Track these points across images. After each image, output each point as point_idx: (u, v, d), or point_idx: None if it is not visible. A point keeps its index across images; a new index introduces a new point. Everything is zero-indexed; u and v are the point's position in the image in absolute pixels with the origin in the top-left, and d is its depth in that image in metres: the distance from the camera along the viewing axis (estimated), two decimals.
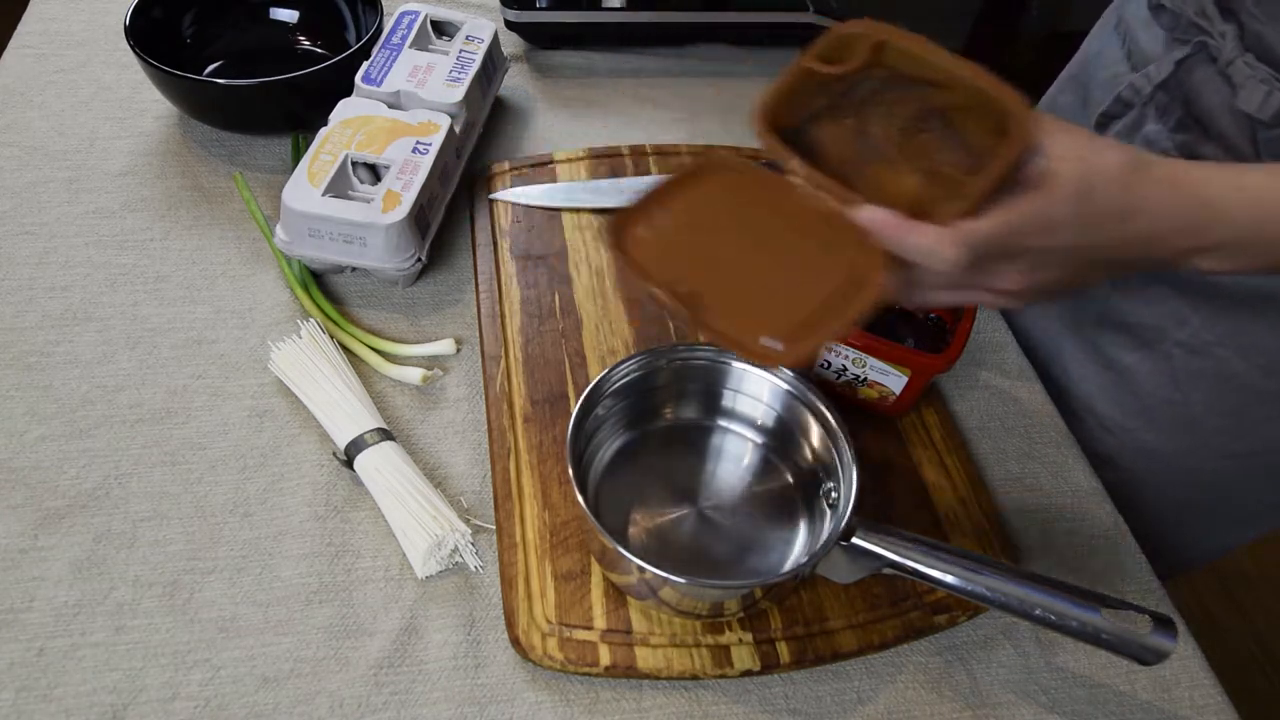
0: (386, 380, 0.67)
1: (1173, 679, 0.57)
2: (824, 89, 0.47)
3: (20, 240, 0.72)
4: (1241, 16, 0.59)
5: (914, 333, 0.66)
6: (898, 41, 0.45)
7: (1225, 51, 0.59)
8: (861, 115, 0.47)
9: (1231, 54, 0.59)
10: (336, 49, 0.85)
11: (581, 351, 0.68)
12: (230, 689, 0.52)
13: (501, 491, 0.60)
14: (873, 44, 0.45)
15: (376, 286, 0.73)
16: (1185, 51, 0.62)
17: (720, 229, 0.47)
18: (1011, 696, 0.56)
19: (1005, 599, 0.50)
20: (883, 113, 0.46)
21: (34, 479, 0.59)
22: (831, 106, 0.47)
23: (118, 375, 0.65)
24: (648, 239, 0.47)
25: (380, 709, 0.52)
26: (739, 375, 0.61)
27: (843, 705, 0.55)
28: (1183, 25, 0.63)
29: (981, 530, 0.61)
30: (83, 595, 0.54)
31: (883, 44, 0.45)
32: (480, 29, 0.83)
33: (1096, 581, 0.62)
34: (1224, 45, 0.59)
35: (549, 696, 0.53)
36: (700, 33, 0.98)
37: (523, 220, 0.77)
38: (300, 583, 0.56)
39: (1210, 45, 0.61)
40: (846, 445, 0.55)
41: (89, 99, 0.85)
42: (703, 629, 0.55)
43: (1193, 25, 0.62)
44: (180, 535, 0.58)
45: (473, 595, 0.57)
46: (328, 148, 0.70)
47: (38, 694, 0.51)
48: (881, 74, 0.46)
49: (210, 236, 0.75)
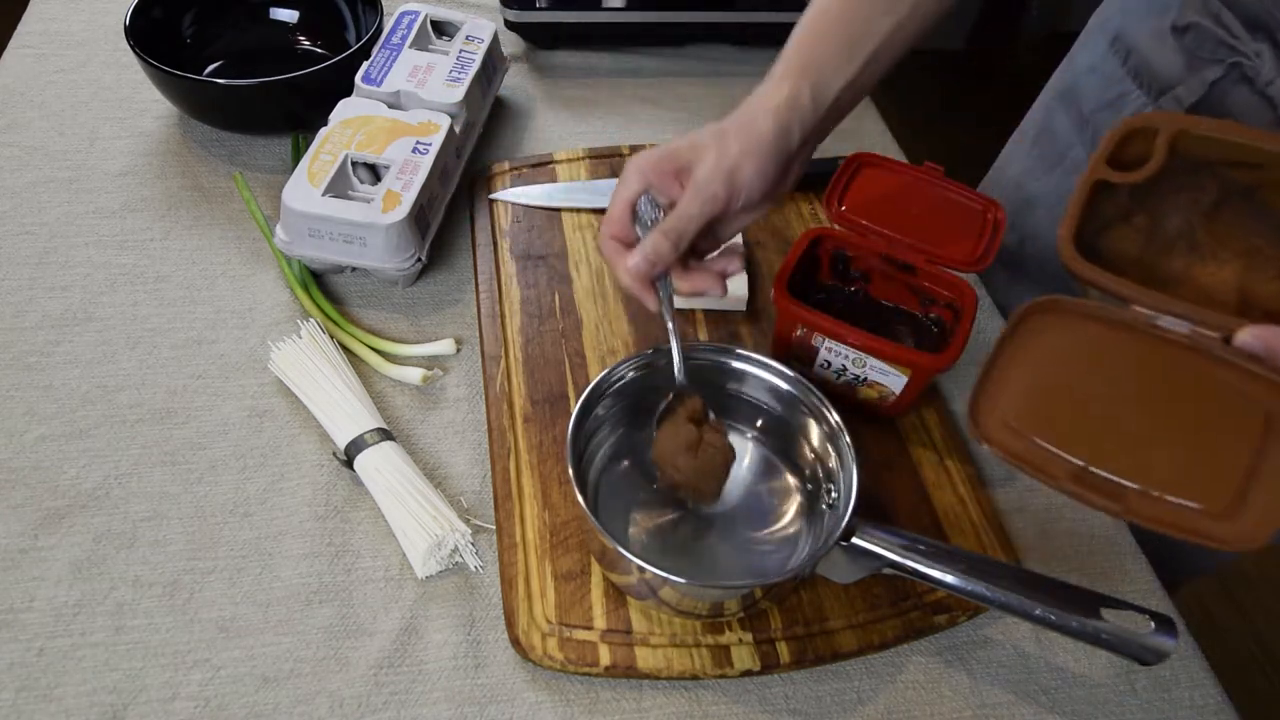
0: (386, 380, 0.67)
1: (1173, 679, 0.57)
2: (1115, 194, 0.42)
3: (20, 240, 0.72)
4: (1277, 35, 0.58)
5: (914, 333, 0.66)
6: (1199, 129, 0.41)
7: (1263, 72, 0.58)
8: (1153, 210, 0.42)
9: (1270, 74, 0.58)
10: (336, 49, 0.85)
11: (581, 351, 0.68)
12: (230, 689, 0.52)
13: (501, 491, 0.60)
14: (1171, 137, 0.41)
15: (376, 286, 0.73)
16: (1218, 73, 0.61)
17: (1084, 389, 0.41)
18: (1011, 696, 0.56)
19: (1005, 599, 0.50)
20: (1181, 202, 0.42)
21: (34, 479, 0.59)
22: (1120, 208, 0.43)
23: (118, 375, 0.65)
24: (1010, 417, 0.40)
25: (380, 709, 0.52)
26: (739, 375, 0.61)
27: (843, 705, 0.55)
28: (1209, 45, 0.62)
29: (981, 530, 0.61)
30: (83, 595, 0.54)
31: (1180, 135, 0.41)
32: (480, 29, 0.83)
33: (1096, 581, 0.62)
34: (1261, 65, 0.58)
35: (549, 696, 0.53)
36: (700, 33, 0.98)
37: (523, 220, 0.77)
38: (300, 583, 0.56)
39: (1245, 65, 0.59)
40: (846, 445, 0.55)
41: (89, 99, 0.85)
42: (703, 629, 0.55)
43: (1222, 45, 0.61)
44: (180, 535, 0.58)
45: (473, 595, 0.57)
46: (328, 148, 0.70)
47: (38, 694, 0.51)
48: (1175, 163, 0.42)
49: (210, 236, 0.75)
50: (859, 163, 0.67)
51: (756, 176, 0.53)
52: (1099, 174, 0.42)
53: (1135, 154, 0.43)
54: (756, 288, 0.74)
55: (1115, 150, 0.42)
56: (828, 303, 0.67)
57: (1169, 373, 0.40)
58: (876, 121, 0.94)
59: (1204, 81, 0.62)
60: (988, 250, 0.62)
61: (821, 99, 0.54)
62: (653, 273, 0.54)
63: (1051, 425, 0.40)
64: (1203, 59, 0.63)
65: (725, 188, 0.53)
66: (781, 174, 0.55)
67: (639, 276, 0.54)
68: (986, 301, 0.78)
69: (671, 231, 0.53)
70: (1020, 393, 0.41)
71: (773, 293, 0.62)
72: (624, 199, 0.55)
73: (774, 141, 0.53)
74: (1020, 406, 0.40)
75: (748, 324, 0.72)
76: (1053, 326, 0.42)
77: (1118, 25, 0.72)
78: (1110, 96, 0.71)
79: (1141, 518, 0.38)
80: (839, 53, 0.54)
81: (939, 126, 2.32)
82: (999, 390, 0.41)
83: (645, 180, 0.54)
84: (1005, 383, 0.41)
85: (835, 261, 0.67)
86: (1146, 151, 0.42)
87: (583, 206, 0.78)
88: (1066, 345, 0.41)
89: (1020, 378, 0.41)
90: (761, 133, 0.53)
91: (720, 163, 0.52)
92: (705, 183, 0.52)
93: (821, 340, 0.62)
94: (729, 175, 0.52)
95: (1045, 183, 0.79)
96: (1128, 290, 0.40)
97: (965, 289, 0.62)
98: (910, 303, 0.66)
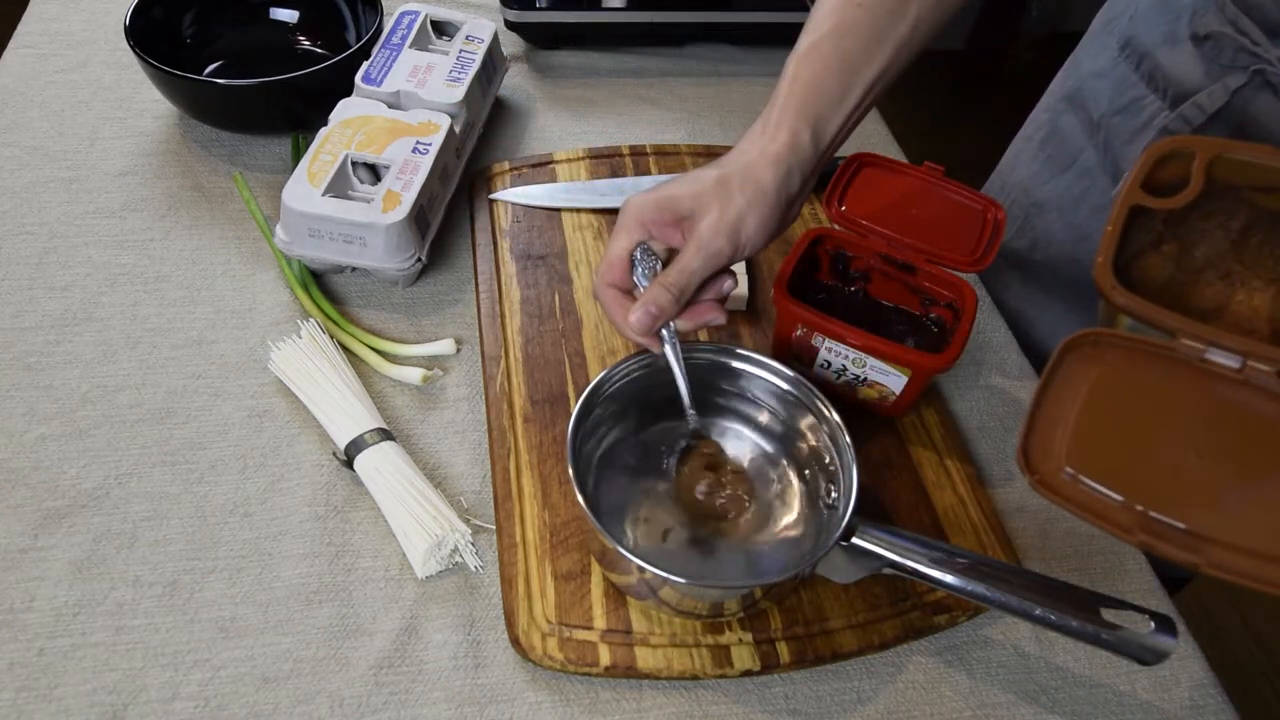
0: (386, 380, 0.67)
1: (1173, 679, 0.57)
2: (1149, 219, 0.41)
3: (20, 240, 0.72)
4: None
5: (914, 333, 0.66)
6: (1236, 154, 0.40)
7: None
8: (1184, 236, 0.41)
9: None
10: (336, 49, 0.85)
11: (581, 351, 0.68)
12: (230, 689, 0.52)
13: (501, 491, 0.60)
14: (1208, 162, 0.40)
15: (376, 286, 0.73)
16: (1241, 80, 0.61)
17: (1138, 428, 0.38)
18: (1011, 696, 0.56)
19: (1005, 599, 0.50)
20: (1211, 228, 0.41)
21: (34, 479, 0.59)
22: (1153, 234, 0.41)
23: (118, 375, 0.65)
24: (1066, 461, 0.37)
25: (380, 709, 0.52)
26: (739, 375, 0.61)
27: (843, 705, 0.55)
28: (1230, 52, 0.62)
29: (981, 530, 0.61)
30: (83, 595, 0.54)
31: (1217, 160, 0.40)
32: (480, 29, 0.83)
33: (1096, 582, 0.62)
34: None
35: (549, 696, 0.53)
36: (700, 33, 0.98)
37: (523, 220, 0.77)
38: (300, 583, 0.56)
39: (1268, 72, 0.59)
40: (846, 445, 0.55)
41: (89, 99, 0.85)
42: (703, 629, 0.55)
43: (1244, 51, 0.61)
44: (180, 535, 0.58)
45: (473, 595, 0.57)
46: (328, 148, 0.70)
47: (38, 694, 0.51)
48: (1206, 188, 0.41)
49: (210, 236, 0.75)
50: (859, 163, 0.67)
51: (760, 230, 0.53)
52: (1135, 199, 0.40)
53: (1167, 178, 0.42)
54: (756, 288, 0.74)
55: (1152, 174, 0.41)
56: (828, 303, 0.67)
57: (1224, 409, 0.38)
58: (877, 122, 0.94)
59: (1226, 89, 0.62)
60: (988, 250, 0.62)
61: (821, 139, 0.54)
62: (655, 327, 0.53)
63: (1110, 470, 0.37)
64: (1224, 66, 0.63)
65: (730, 243, 0.52)
66: (782, 219, 0.55)
67: (643, 331, 0.53)
68: (986, 301, 0.78)
69: (674, 286, 0.52)
70: (1073, 434, 0.38)
71: (773, 293, 0.62)
72: (623, 248, 0.54)
73: (776, 191, 0.52)
74: (1074, 449, 0.38)
75: (748, 324, 0.72)
76: (1098, 361, 0.40)
77: (1127, 30, 0.72)
78: (1123, 102, 0.71)
79: (1225, 570, 0.35)
80: (836, 88, 0.53)
81: (939, 126, 2.33)
82: (1050, 431, 0.38)
83: (645, 231, 0.54)
84: (1055, 422, 0.38)
85: (835, 261, 0.67)
86: (1179, 175, 0.41)
87: (583, 206, 0.78)
88: (1114, 381, 0.39)
89: (1071, 417, 0.38)
90: (764, 184, 0.52)
91: (724, 217, 0.52)
92: (709, 238, 0.52)
93: (821, 340, 0.62)
94: (733, 230, 0.52)
95: (1055, 186, 0.79)
96: (1177, 323, 0.38)
97: (965, 289, 0.62)
98: (910, 303, 0.66)
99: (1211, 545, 0.35)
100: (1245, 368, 0.38)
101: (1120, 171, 0.71)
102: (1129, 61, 0.71)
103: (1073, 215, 0.77)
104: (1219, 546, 0.35)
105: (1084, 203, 0.76)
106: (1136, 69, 0.70)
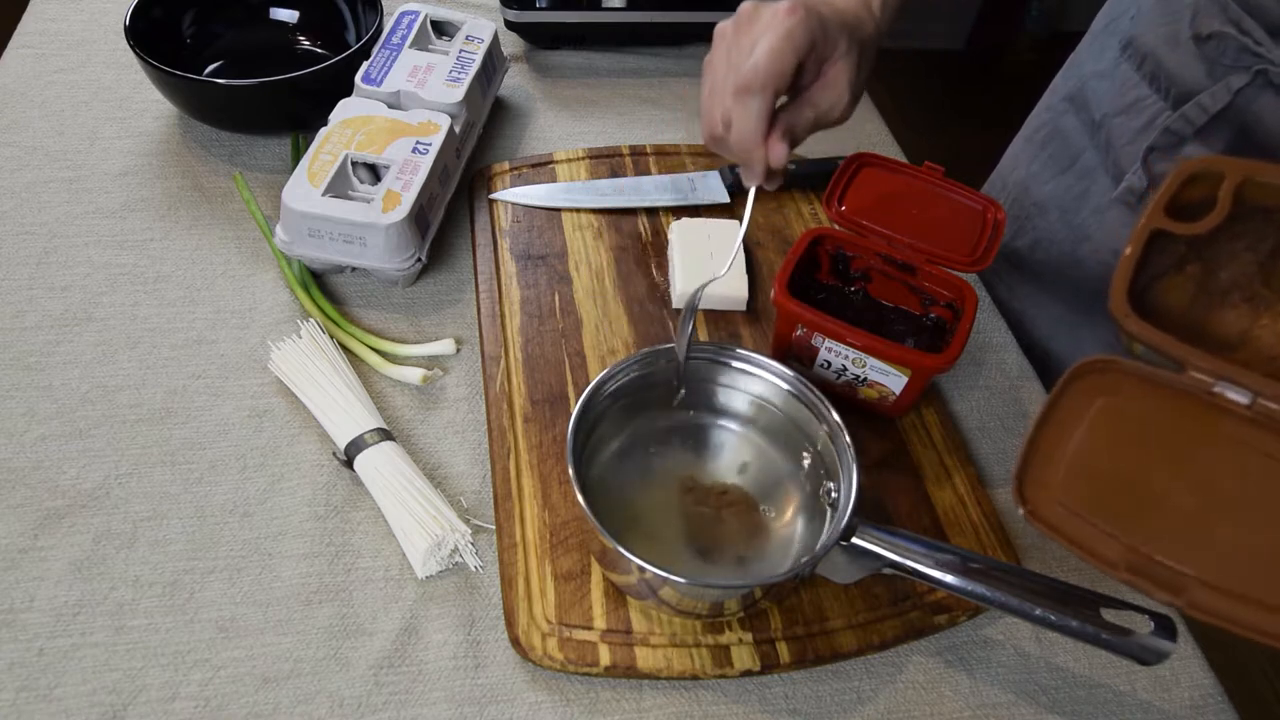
0: (386, 380, 0.67)
1: (1173, 679, 0.57)
2: (1172, 243, 0.39)
3: (20, 240, 0.73)
4: None
5: (914, 333, 0.66)
6: (1266, 176, 0.39)
7: None
8: (1209, 259, 0.40)
9: None
10: (336, 49, 0.85)
11: (581, 351, 0.68)
12: (230, 689, 0.52)
13: (501, 491, 0.60)
14: (1237, 185, 0.39)
15: (376, 286, 0.73)
16: (1244, 80, 0.61)
17: (1138, 462, 0.37)
18: (1011, 696, 0.56)
19: (1005, 599, 0.50)
20: (1237, 250, 0.40)
21: (34, 479, 0.59)
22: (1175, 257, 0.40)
23: (118, 375, 0.65)
24: (1060, 493, 0.37)
25: (380, 709, 0.52)
26: (739, 375, 0.61)
27: (843, 705, 0.55)
28: (1232, 52, 0.62)
29: (981, 530, 0.61)
30: (83, 595, 0.54)
31: (1246, 182, 0.39)
32: (480, 29, 0.83)
33: (1096, 582, 0.61)
34: None
35: (549, 696, 0.53)
36: (700, 33, 0.98)
37: (523, 220, 0.77)
38: (300, 583, 0.56)
39: (1271, 72, 0.59)
40: (846, 445, 0.55)
41: (89, 99, 0.85)
42: (703, 629, 0.55)
43: (1246, 52, 0.61)
44: (180, 535, 0.58)
45: (473, 595, 0.57)
46: (328, 148, 0.70)
47: (38, 694, 0.51)
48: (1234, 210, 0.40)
49: (210, 236, 0.75)
50: (859, 163, 0.67)
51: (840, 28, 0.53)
52: (1156, 223, 0.39)
53: (1192, 199, 0.40)
54: (756, 288, 0.74)
55: (1176, 197, 0.39)
56: (828, 303, 0.67)
57: (1229, 448, 0.37)
58: (877, 121, 0.94)
59: (1229, 89, 0.62)
60: (988, 250, 0.62)
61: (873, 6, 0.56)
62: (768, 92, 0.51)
63: (1104, 504, 0.37)
64: (1226, 66, 0.63)
65: (854, 102, 0.54)
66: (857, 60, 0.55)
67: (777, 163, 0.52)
68: (986, 301, 0.78)
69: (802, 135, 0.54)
70: (1070, 465, 0.38)
71: (773, 293, 0.62)
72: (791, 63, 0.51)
73: (857, 11, 0.54)
74: (1070, 481, 0.37)
75: (748, 324, 0.72)
76: (1104, 389, 0.39)
77: (1128, 30, 0.72)
78: (1125, 102, 0.71)
79: (1203, 612, 0.35)
80: None
81: (939, 126, 2.33)
82: (1048, 460, 0.37)
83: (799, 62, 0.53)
84: (1054, 452, 0.38)
85: (835, 261, 0.67)
86: (1205, 197, 0.40)
87: (583, 206, 0.78)
88: (1119, 412, 0.39)
89: (1070, 447, 0.38)
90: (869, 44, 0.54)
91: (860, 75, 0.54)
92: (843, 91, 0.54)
93: (821, 340, 0.62)
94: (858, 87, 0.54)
95: (1055, 186, 0.79)
96: (1186, 354, 0.37)
97: (965, 289, 0.62)
98: (910, 303, 0.66)
99: (1195, 585, 0.35)
100: (1255, 404, 0.37)
101: (1121, 171, 0.71)
102: (1131, 62, 0.71)
103: (1073, 215, 0.77)
104: (1202, 587, 0.35)
105: (1085, 203, 0.76)
106: (1138, 69, 0.70)
